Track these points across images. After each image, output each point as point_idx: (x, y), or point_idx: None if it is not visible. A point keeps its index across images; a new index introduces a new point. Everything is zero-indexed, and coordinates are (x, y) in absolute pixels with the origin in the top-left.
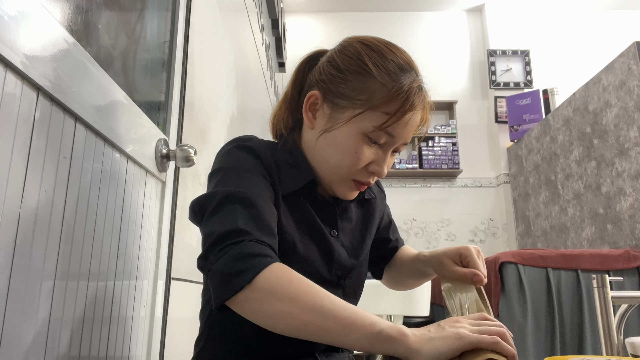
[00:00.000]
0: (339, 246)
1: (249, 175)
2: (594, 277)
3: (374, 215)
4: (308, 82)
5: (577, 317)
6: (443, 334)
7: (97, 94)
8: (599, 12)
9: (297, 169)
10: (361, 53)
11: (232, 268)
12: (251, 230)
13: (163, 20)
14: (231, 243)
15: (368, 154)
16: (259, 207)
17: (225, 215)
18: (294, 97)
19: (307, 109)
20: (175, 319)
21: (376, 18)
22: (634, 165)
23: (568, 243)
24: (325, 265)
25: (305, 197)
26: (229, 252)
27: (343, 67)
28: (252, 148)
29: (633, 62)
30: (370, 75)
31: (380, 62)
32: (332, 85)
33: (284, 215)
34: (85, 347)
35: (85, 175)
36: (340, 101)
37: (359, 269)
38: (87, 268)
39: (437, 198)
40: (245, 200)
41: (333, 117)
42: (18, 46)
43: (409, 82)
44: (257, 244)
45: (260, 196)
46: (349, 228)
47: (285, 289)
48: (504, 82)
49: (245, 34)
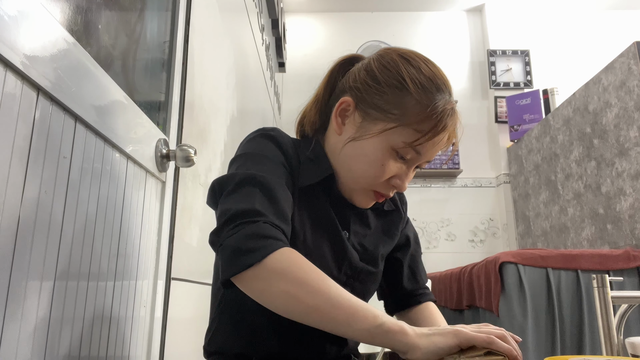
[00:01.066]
0: (351, 249)
1: (270, 162)
2: (594, 277)
3: (392, 227)
4: (340, 86)
5: (577, 317)
6: (441, 331)
7: (97, 94)
8: (599, 12)
9: (316, 164)
10: (400, 67)
11: (244, 245)
12: (267, 212)
13: (163, 20)
14: (246, 222)
15: (393, 167)
16: (276, 192)
17: (243, 196)
18: (324, 100)
19: (337, 114)
20: (175, 319)
21: (376, 18)
22: (634, 165)
23: (568, 243)
24: (335, 262)
25: (323, 192)
26: (243, 229)
27: (381, 78)
28: (275, 137)
29: (633, 62)
30: (407, 91)
31: (418, 79)
32: (366, 94)
33: (299, 208)
34: (85, 347)
35: (85, 175)
36: (373, 112)
37: (372, 275)
38: (87, 268)
39: (437, 198)
40: (264, 184)
41: (363, 127)
42: (18, 46)
43: (443, 102)
44: (271, 227)
45: (278, 183)
46: (363, 233)
47: (294, 272)
48: (504, 82)
49: (245, 34)
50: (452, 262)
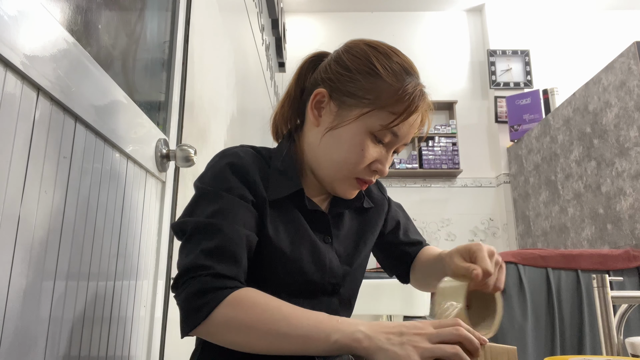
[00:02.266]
0: (331, 253)
1: (225, 199)
2: (594, 277)
3: (372, 223)
4: (312, 80)
5: (577, 317)
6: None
7: (97, 94)
8: (599, 12)
9: (286, 177)
10: (369, 54)
11: (190, 304)
12: (211, 263)
13: (163, 20)
14: (191, 278)
15: (373, 152)
16: (225, 236)
17: (191, 248)
18: (296, 96)
19: (312, 106)
20: (175, 319)
21: (376, 18)
22: (634, 165)
23: (568, 243)
24: (317, 272)
25: (294, 206)
26: (188, 287)
27: (352, 66)
28: (235, 165)
29: (633, 62)
30: (378, 76)
31: (387, 63)
32: (340, 83)
33: (272, 223)
34: (85, 347)
35: (85, 175)
36: (347, 99)
37: (353, 276)
38: (87, 268)
39: (437, 198)
40: (211, 231)
41: (340, 115)
42: (18, 46)
43: (413, 84)
44: (214, 279)
45: (230, 223)
46: (342, 235)
47: (240, 319)
48: (504, 82)
49: (245, 34)
50: None
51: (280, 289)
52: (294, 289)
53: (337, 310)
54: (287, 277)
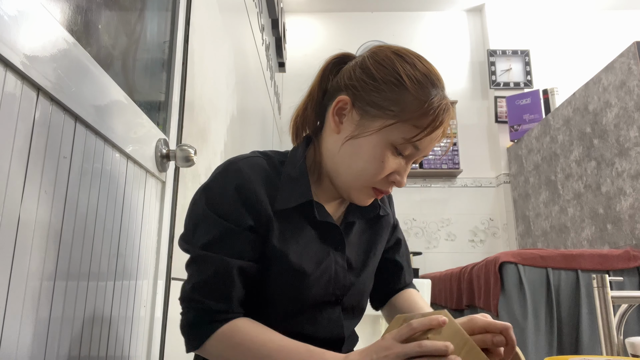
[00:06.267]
0: (338, 265)
1: (221, 228)
2: (594, 277)
3: (381, 233)
4: (335, 85)
5: (577, 317)
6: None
7: (97, 94)
8: (599, 12)
9: (297, 185)
10: (395, 64)
11: (186, 332)
12: (201, 298)
13: (163, 20)
14: (186, 307)
15: (392, 163)
16: (216, 271)
17: (188, 277)
18: (319, 98)
19: (334, 113)
20: (175, 319)
21: (376, 18)
22: (634, 165)
23: (568, 243)
24: (322, 285)
25: (303, 216)
26: (185, 315)
27: (377, 75)
28: (238, 186)
29: (633, 62)
30: (404, 88)
31: (414, 75)
32: (364, 92)
33: (280, 236)
34: (85, 347)
35: (85, 175)
36: (371, 109)
37: (360, 287)
38: (87, 268)
39: (437, 198)
40: (203, 265)
41: (362, 125)
42: (18, 46)
43: (439, 98)
44: (204, 313)
45: (222, 256)
46: (354, 244)
47: (227, 357)
48: (504, 82)
49: (245, 34)
50: (452, 262)
51: (285, 299)
52: (297, 299)
53: (338, 319)
54: (291, 289)
